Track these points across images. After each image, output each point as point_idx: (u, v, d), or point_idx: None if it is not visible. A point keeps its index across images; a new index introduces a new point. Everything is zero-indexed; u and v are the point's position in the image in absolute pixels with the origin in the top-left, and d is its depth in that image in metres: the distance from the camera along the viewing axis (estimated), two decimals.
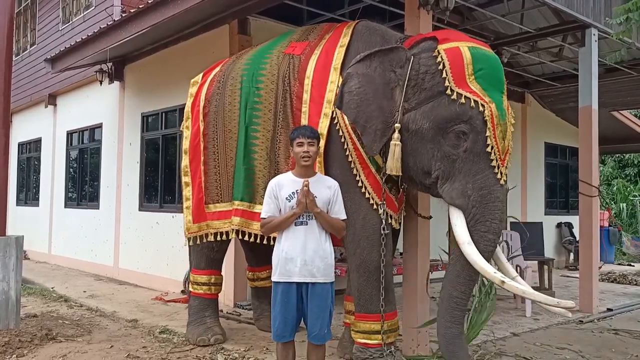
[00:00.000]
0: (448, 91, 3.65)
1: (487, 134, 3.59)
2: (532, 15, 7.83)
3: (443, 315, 3.65)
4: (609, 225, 12.30)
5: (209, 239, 4.99)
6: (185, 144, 5.15)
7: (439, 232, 4.52)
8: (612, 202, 17.91)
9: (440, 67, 3.70)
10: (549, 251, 10.45)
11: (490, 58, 3.79)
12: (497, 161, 3.62)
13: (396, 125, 3.80)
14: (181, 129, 5.34)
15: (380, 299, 4.06)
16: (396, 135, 3.79)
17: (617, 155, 19.80)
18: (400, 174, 3.85)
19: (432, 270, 4.84)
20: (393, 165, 3.80)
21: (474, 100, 3.60)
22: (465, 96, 3.61)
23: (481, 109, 3.59)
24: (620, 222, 15.70)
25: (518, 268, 6.77)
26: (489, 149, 3.60)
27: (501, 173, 3.64)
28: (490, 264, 3.62)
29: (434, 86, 3.73)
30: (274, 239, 3.99)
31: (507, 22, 7.55)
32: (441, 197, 3.93)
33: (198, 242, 5.06)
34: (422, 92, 3.79)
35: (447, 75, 3.66)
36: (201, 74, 5.31)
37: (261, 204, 4.36)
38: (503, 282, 3.46)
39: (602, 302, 7.18)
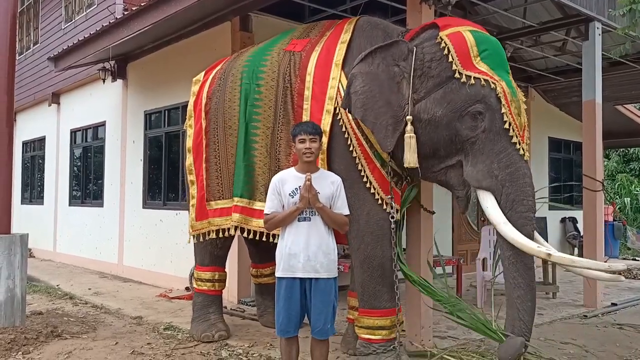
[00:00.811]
0: (457, 75, 3.66)
1: (503, 110, 3.60)
2: (535, 9, 7.79)
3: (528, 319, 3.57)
4: (614, 220, 12.25)
5: (211, 236, 5.00)
6: (189, 142, 5.16)
7: (441, 227, 4.52)
8: (617, 197, 17.85)
9: (446, 52, 3.71)
10: (553, 246, 10.39)
11: (492, 40, 3.84)
12: (517, 137, 3.62)
13: (407, 117, 3.80)
14: (184, 127, 5.36)
15: (385, 294, 4.06)
16: (409, 127, 3.78)
17: (621, 149, 19.71)
18: (418, 165, 3.82)
19: (435, 266, 4.83)
20: (411, 157, 3.77)
21: (484, 80, 3.62)
22: (474, 77, 3.63)
23: (492, 86, 3.61)
24: (624, 217, 15.66)
25: None
26: (507, 126, 3.60)
27: (523, 149, 3.64)
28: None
29: (442, 72, 3.74)
30: (274, 235, 4.00)
31: (510, 16, 7.52)
32: (452, 189, 3.92)
33: (202, 239, 5.08)
34: (430, 80, 3.79)
35: (453, 59, 3.67)
36: (203, 72, 5.32)
37: (261, 200, 4.39)
38: (550, 255, 3.42)
39: (607, 297, 7.16)
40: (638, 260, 11.69)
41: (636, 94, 11.09)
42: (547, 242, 3.93)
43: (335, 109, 4.17)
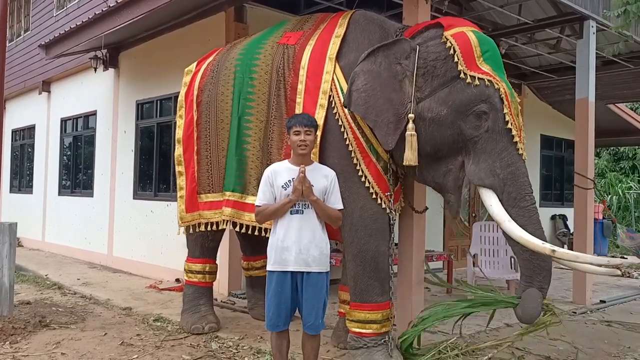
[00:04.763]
0: (462, 75, 3.70)
1: (505, 111, 3.67)
2: (530, 6, 7.80)
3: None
4: (603, 218, 12.34)
5: (201, 229, 4.98)
6: (179, 133, 5.12)
7: (434, 223, 4.52)
8: (606, 195, 17.98)
9: (451, 52, 3.75)
10: None
11: (491, 41, 3.91)
12: (517, 137, 3.70)
13: (410, 115, 3.81)
14: (175, 118, 5.31)
15: (376, 288, 4.05)
16: (410, 125, 3.80)
17: (612, 148, 19.85)
18: (418, 165, 3.84)
19: (427, 261, 4.85)
20: (411, 155, 3.79)
21: (488, 80, 3.68)
22: (478, 77, 3.68)
23: (496, 87, 3.68)
24: (614, 215, 15.76)
25: (512, 259, 6.80)
26: (509, 126, 3.67)
27: (522, 148, 3.72)
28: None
29: (447, 71, 3.76)
30: (267, 230, 3.97)
31: (505, 13, 7.52)
32: (445, 193, 3.95)
33: (191, 231, 5.05)
34: (435, 79, 3.81)
35: (458, 59, 3.71)
36: (195, 63, 5.28)
37: (253, 194, 4.37)
38: (554, 251, 3.46)
39: (596, 294, 7.21)
40: (627, 259, 11.80)
41: (628, 93, 11.15)
42: None
43: (330, 102, 4.15)
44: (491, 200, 3.67)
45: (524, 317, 3.63)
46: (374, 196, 4.04)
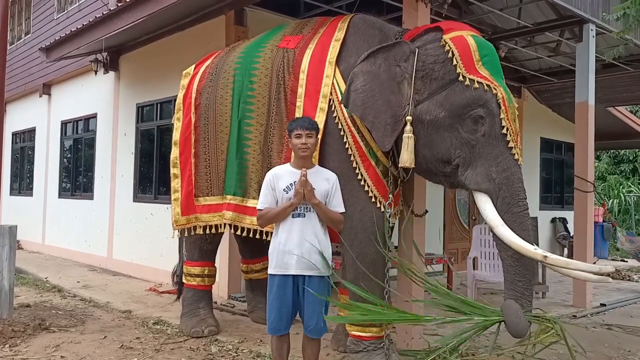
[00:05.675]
0: (460, 78, 3.70)
1: (502, 116, 3.67)
2: (530, 9, 7.81)
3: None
4: (603, 221, 12.33)
5: (198, 232, 4.97)
6: (176, 135, 5.13)
7: (434, 226, 4.52)
8: (606, 198, 17.98)
9: (450, 55, 3.75)
10: (543, 246, 10.47)
11: (490, 46, 3.91)
12: (513, 142, 3.69)
13: (407, 117, 3.81)
14: (172, 120, 5.32)
15: (376, 291, 4.05)
16: (408, 127, 3.80)
17: (612, 151, 19.85)
18: (414, 166, 3.85)
19: (427, 264, 4.84)
20: (408, 157, 3.80)
21: (487, 85, 3.67)
22: (477, 81, 3.67)
23: (494, 91, 3.67)
24: (614, 218, 15.76)
25: None
26: (504, 131, 3.66)
27: (517, 154, 3.71)
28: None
29: (446, 74, 3.77)
30: (267, 233, 3.97)
31: (505, 16, 7.53)
32: (457, 186, 3.98)
33: (189, 234, 5.05)
34: (433, 82, 3.81)
35: (457, 62, 3.71)
36: (193, 66, 5.29)
37: (254, 198, 4.37)
38: (546, 256, 3.45)
39: (596, 298, 7.21)
40: (627, 262, 11.79)
41: (628, 96, 11.15)
42: (538, 242, 3.95)
43: (330, 106, 4.16)
44: (486, 205, 3.67)
45: (511, 331, 3.48)
46: (373, 200, 4.04)
